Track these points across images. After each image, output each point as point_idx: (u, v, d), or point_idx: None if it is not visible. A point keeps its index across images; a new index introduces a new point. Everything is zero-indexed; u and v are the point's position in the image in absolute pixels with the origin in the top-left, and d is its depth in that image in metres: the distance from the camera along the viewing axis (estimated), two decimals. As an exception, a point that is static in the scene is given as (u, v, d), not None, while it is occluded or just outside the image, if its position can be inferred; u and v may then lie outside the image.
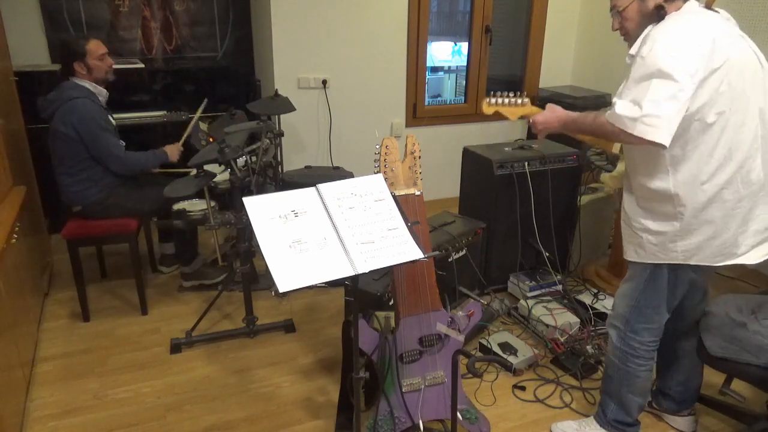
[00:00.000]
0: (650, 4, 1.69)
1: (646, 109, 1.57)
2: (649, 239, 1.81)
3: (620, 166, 2.03)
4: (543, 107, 1.99)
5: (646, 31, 1.68)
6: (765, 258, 1.78)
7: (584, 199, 3.25)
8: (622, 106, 1.62)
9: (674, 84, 1.55)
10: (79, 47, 2.74)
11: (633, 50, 1.69)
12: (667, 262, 1.80)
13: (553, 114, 1.92)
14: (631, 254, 1.90)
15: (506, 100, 1.87)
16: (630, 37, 1.77)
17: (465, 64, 4.56)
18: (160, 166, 3.39)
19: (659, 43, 1.59)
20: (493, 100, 1.86)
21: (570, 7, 4.60)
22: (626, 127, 1.61)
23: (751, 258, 1.76)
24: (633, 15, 1.73)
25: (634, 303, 1.91)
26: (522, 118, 1.98)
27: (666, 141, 1.58)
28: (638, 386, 2.00)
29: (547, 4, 4.52)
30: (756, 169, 1.69)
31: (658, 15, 1.67)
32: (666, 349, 2.15)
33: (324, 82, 3.99)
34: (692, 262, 1.77)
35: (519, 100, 1.90)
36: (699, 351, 1.98)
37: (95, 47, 2.78)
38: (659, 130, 1.57)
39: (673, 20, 1.64)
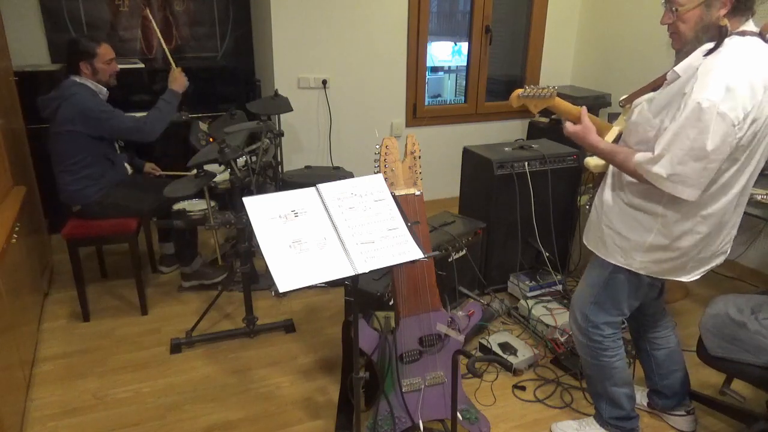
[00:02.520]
0: (714, 15, 1.56)
1: (675, 170, 1.54)
2: (615, 240, 1.82)
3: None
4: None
5: (699, 58, 1.57)
6: (695, 278, 1.84)
7: (584, 199, 3.24)
8: (661, 166, 1.56)
9: (713, 157, 1.51)
10: (89, 48, 2.76)
11: (681, 70, 1.61)
12: (623, 266, 1.83)
13: (586, 136, 1.79)
14: (591, 243, 1.94)
15: (537, 93, 1.78)
16: (678, 39, 1.65)
17: (465, 64, 4.56)
18: (161, 167, 3.39)
19: (718, 102, 1.47)
20: (524, 93, 1.78)
21: (570, 7, 4.60)
22: (657, 184, 1.60)
23: (687, 278, 1.82)
24: (692, 20, 1.59)
25: (593, 300, 1.94)
26: (553, 116, 1.88)
27: (693, 198, 1.58)
28: (618, 377, 2.01)
29: (547, 4, 4.52)
30: (729, 211, 1.71)
31: (719, 33, 1.55)
32: (638, 346, 2.20)
33: (324, 82, 3.99)
34: (643, 273, 1.81)
35: (548, 93, 1.80)
36: (699, 351, 1.98)
37: (105, 51, 2.80)
38: (688, 189, 1.56)
39: (734, 60, 1.51)
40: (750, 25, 1.59)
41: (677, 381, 2.17)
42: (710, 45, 1.57)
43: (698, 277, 1.83)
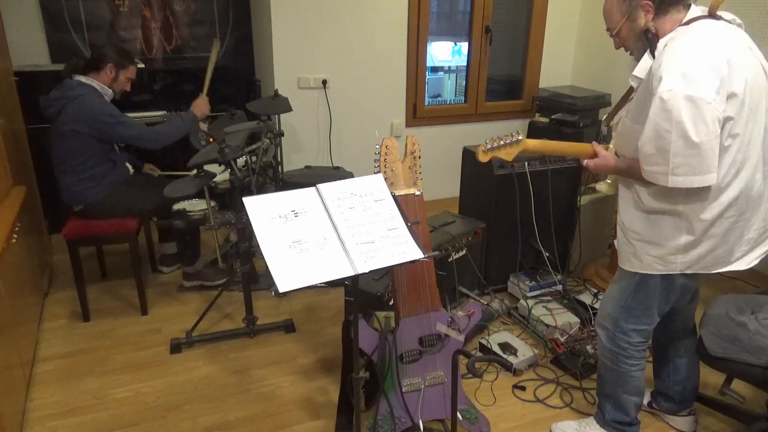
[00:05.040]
0: (641, 24, 1.66)
1: (672, 163, 1.54)
2: (648, 251, 1.78)
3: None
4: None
5: (650, 57, 1.63)
6: (754, 264, 1.80)
7: (584, 199, 3.25)
8: (656, 164, 1.58)
9: (703, 139, 1.50)
10: (127, 59, 2.87)
11: (640, 72, 1.64)
12: (664, 273, 1.79)
13: (606, 165, 1.84)
14: (626, 263, 1.87)
15: (501, 143, 1.83)
16: (633, 51, 1.75)
17: (465, 64, 4.56)
18: (162, 168, 3.38)
19: (679, 88, 1.49)
20: (488, 146, 1.82)
21: (570, 7, 4.60)
22: (663, 182, 1.59)
23: (742, 264, 1.79)
24: (627, 35, 1.72)
25: (624, 304, 1.90)
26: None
27: (713, 181, 1.56)
28: (633, 385, 2.00)
29: (547, 4, 4.52)
30: (757, 184, 1.69)
31: (648, 39, 1.64)
32: (661, 349, 2.17)
33: (324, 82, 3.99)
34: (688, 272, 1.77)
35: (514, 139, 1.85)
36: (699, 351, 1.97)
37: (134, 70, 2.93)
38: (704, 176, 1.55)
39: (684, 45, 1.55)
40: (695, 12, 1.64)
41: (690, 387, 2.16)
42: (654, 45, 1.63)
43: (757, 261, 1.79)
